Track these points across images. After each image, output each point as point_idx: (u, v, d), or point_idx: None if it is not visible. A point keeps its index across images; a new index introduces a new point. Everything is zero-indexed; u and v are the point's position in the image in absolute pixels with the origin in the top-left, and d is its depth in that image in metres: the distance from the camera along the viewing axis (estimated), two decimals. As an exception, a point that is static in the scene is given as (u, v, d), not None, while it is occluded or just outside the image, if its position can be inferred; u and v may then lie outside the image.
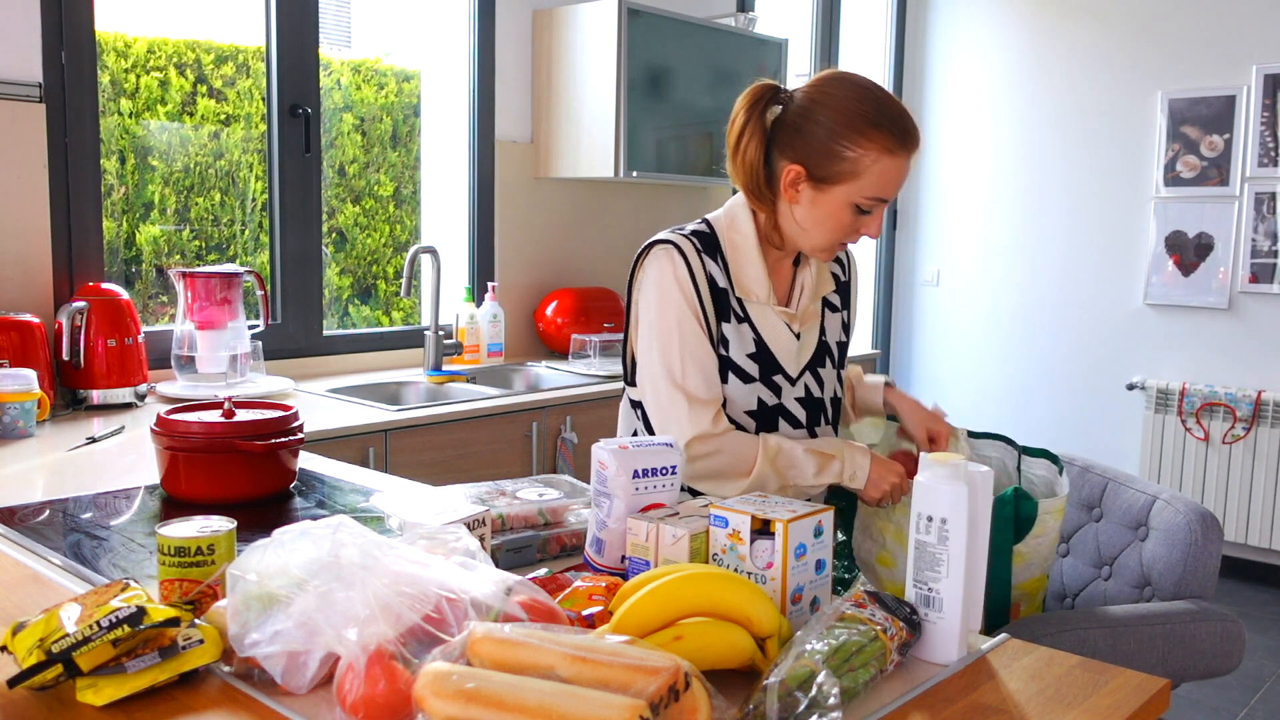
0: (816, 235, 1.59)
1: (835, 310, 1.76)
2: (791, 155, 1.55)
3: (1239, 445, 4.11)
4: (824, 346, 1.72)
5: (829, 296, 1.75)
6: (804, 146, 1.54)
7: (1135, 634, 1.66)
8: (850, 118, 1.51)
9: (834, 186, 1.53)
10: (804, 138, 1.54)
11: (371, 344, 3.26)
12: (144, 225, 3.01)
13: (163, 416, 1.67)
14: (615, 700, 0.79)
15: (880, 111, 1.51)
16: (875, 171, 1.52)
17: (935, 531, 1.09)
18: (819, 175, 1.54)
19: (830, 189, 1.54)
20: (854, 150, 1.51)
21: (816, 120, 1.52)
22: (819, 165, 1.53)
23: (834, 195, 1.54)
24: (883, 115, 1.51)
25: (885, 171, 1.52)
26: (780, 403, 1.66)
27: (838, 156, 1.51)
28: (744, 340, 1.63)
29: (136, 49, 2.97)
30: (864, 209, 1.55)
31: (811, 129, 1.53)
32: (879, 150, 1.51)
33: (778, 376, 1.65)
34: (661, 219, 4.12)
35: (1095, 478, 2.05)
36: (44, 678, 0.94)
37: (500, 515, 1.36)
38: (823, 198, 1.55)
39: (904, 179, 1.56)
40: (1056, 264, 4.60)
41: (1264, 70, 4.03)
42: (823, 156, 1.52)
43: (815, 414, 1.70)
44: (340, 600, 0.92)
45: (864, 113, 1.51)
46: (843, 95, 1.52)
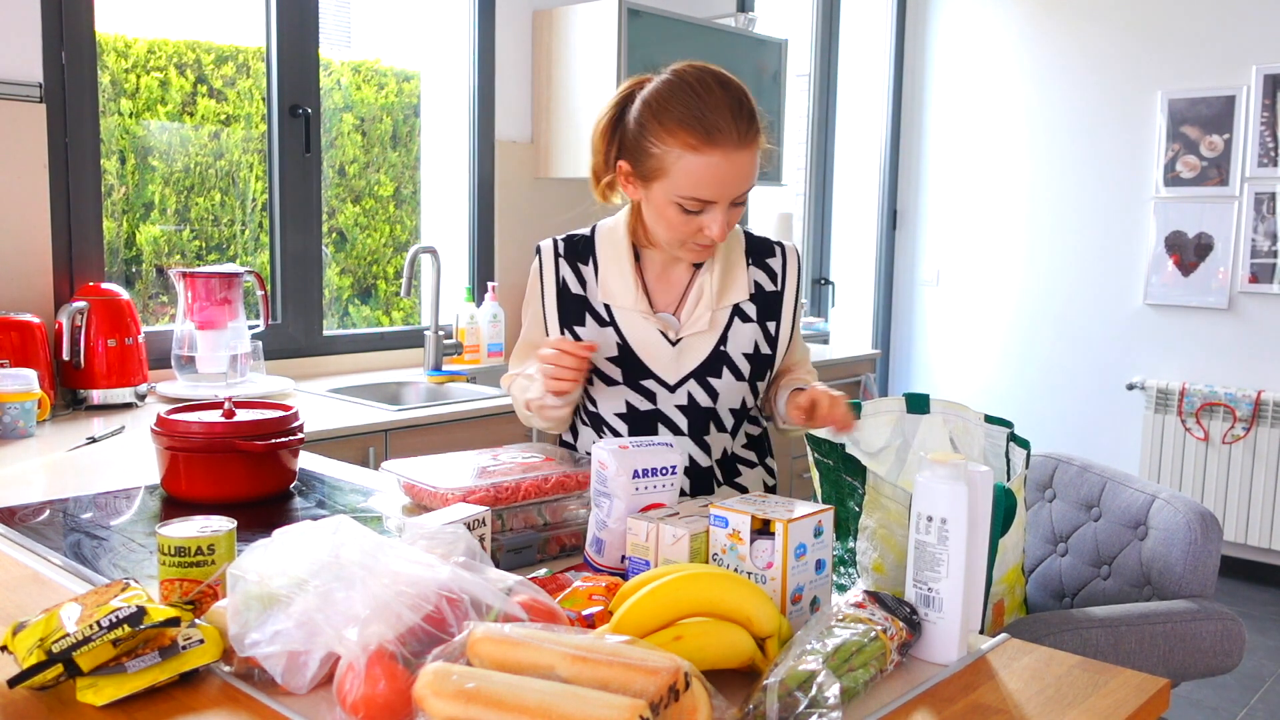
0: (659, 232, 1.55)
1: (748, 320, 1.65)
2: (624, 152, 1.53)
3: (1239, 445, 4.11)
4: (721, 356, 1.63)
5: (743, 306, 1.65)
6: (630, 144, 1.50)
7: (1136, 633, 1.66)
8: (659, 113, 1.45)
9: (652, 184, 1.49)
10: (629, 136, 1.50)
11: (371, 344, 3.26)
12: (144, 225, 3.01)
13: (163, 416, 1.67)
14: (615, 700, 0.79)
15: (690, 107, 1.43)
16: (682, 170, 1.44)
17: (935, 531, 1.09)
18: (639, 172, 1.50)
19: (650, 186, 1.50)
20: (659, 146, 1.45)
21: (639, 119, 1.48)
22: (637, 162, 1.50)
23: (655, 192, 1.50)
24: (690, 111, 1.43)
25: (693, 170, 1.44)
26: (656, 408, 1.63)
27: (647, 153, 1.47)
28: (606, 344, 1.62)
29: (136, 49, 2.97)
30: (688, 209, 1.48)
31: (635, 127, 1.49)
32: (682, 147, 1.43)
33: (649, 382, 1.62)
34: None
35: (1094, 477, 2.05)
36: (44, 678, 0.94)
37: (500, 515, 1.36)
38: (649, 194, 1.51)
39: (728, 180, 1.45)
40: (1056, 264, 4.60)
41: (1264, 70, 4.03)
42: (638, 152, 1.49)
43: (701, 423, 1.63)
44: (340, 600, 0.92)
45: (672, 109, 1.44)
46: (661, 90, 1.47)
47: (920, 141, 5.01)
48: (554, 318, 1.68)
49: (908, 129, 5.04)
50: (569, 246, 1.71)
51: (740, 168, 1.46)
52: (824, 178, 4.96)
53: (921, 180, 5.02)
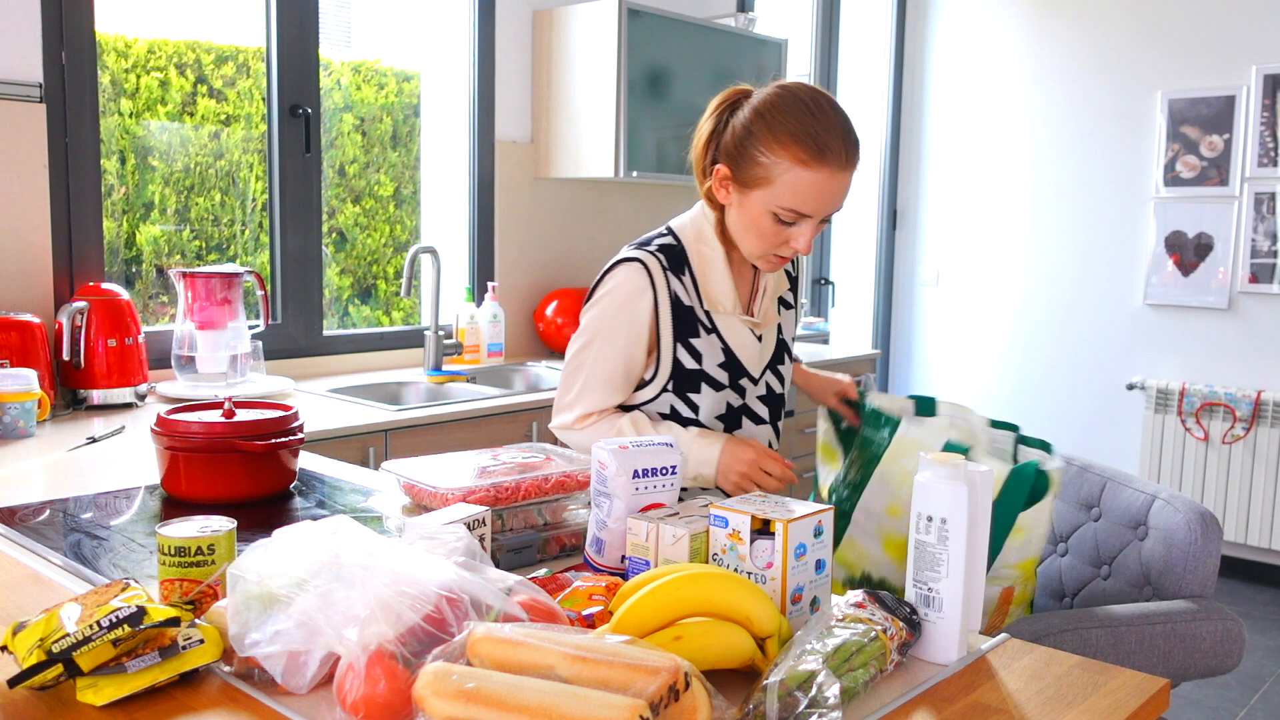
0: (746, 241, 1.61)
1: (789, 307, 1.82)
2: (723, 157, 1.59)
3: (1239, 445, 4.11)
4: (782, 344, 1.78)
5: (784, 295, 1.81)
6: (733, 149, 1.57)
7: (1136, 633, 1.66)
8: (772, 125, 1.52)
9: (752, 191, 1.55)
10: (734, 140, 1.56)
11: (371, 344, 3.26)
12: (144, 225, 3.01)
13: (163, 416, 1.67)
14: (615, 700, 0.79)
15: (803, 123, 1.50)
16: (787, 182, 1.51)
17: (935, 531, 1.09)
18: (740, 178, 1.56)
19: (749, 193, 1.56)
20: (767, 156, 1.52)
21: (748, 125, 1.55)
22: (739, 168, 1.56)
23: (752, 200, 1.56)
24: (805, 127, 1.50)
25: (798, 184, 1.50)
26: (745, 403, 1.72)
27: (753, 161, 1.53)
28: (714, 351, 1.67)
29: (136, 49, 2.97)
30: (783, 219, 1.54)
31: (742, 134, 1.55)
32: (792, 160, 1.50)
33: (744, 380, 1.71)
34: (661, 219, 4.12)
35: (1094, 477, 2.05)
36: (44, 678, 0.94)
37: (500, 515, 1.36)
38: (745, 202, 1.57)
39: (827, 197, 1.52)
40: (1056, 264, 4.60)
41: (1264, 70, 4.03)
42: (743, 159, 1.55)
43: (776, 409, 1.78)
44: (340, 600, 0.92)
45: (785, 122, 1.51)
46: (774, 102, 1.54)
47: (920, 141, 5.01)
48: (669, 334, 1.64)
49: (908, 129, 5.04)
50: (669, 257, 1.65)
51: (841, 187, 1.53)
52: (824, 178, 4.95)
53: (921, 180, 5.02)
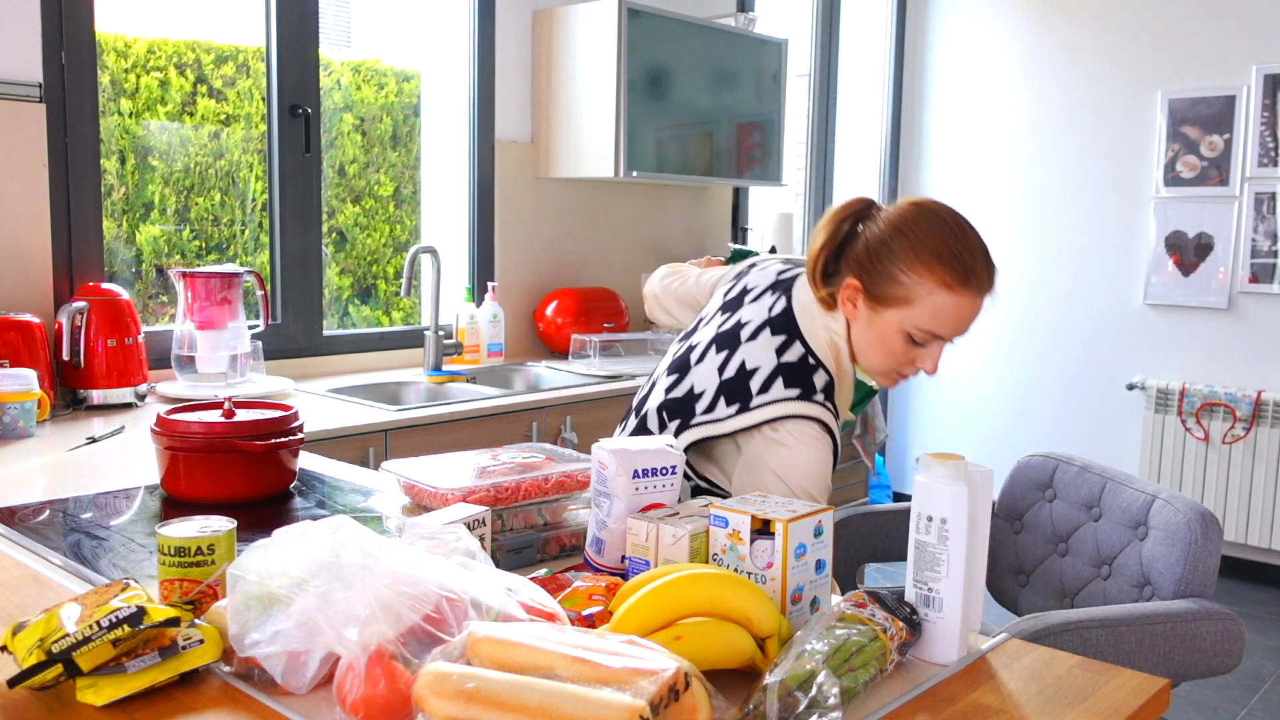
0: (872, 357, 1.55)
1: None
2: (854, 269, 1.51)
3: (1239, 445, 4.11)
4: None
5: None
6: (867, 262, 1.49)
7: (1136, 633, 1.66)
8: (915, 244, 1.46)
9: (887, 309, 1.48)
10: (870, 254, 1.49)
11: (371, 344, 3.26)
12: (144, 225, 3.01)
13: (163, 416, 1.67)
14: (615, 700, 0.79)
15: (948, 245, 1.45)
16: (929, 304, 1.45)
17: (935, 531, 1.09)
18: (874, 294, 1.49)
19: (883, 311, 1.49)
20: (910, 276, 1.45)
21: (885, 240, 1.48)
22: (875, 284, 1.48)
23: (887, 319, 1.49)
24: (949, 249, 1.45)
25: (940, 306, 1.45)
26: None
27: (894, 279, 1.46)
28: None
29: (136, 49, 2.97)
30: (917, 341, 1.49)
31: (878, 247, 1.48)
32: (935, 282, 1.45)
33: None
34: (661, 219, 4.12)
35: (1094, 477, 2.05)
36: (44, 678, 0.94)
37: (500, 515, 1.37)
38: (877, 319, 1.50)
39: (965, 321, 1.49)
40: (1056, 264, 4.60)
41: (1264, 70, 4.03)
42: (881, 276, 1.48)
43: None
44: (340, 600, 0.92)
45: (930, 242, 1.45)
46: (917, 220, 1.48)
47: (920, 141, 5.01)
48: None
49: (908, 129, 5.04)
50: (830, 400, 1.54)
51: (977, 311, 1.49)
52: (824, 178, 4.96)
53: (921, 180, 5.01)
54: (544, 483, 1.40)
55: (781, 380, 1.52)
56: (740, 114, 3.88)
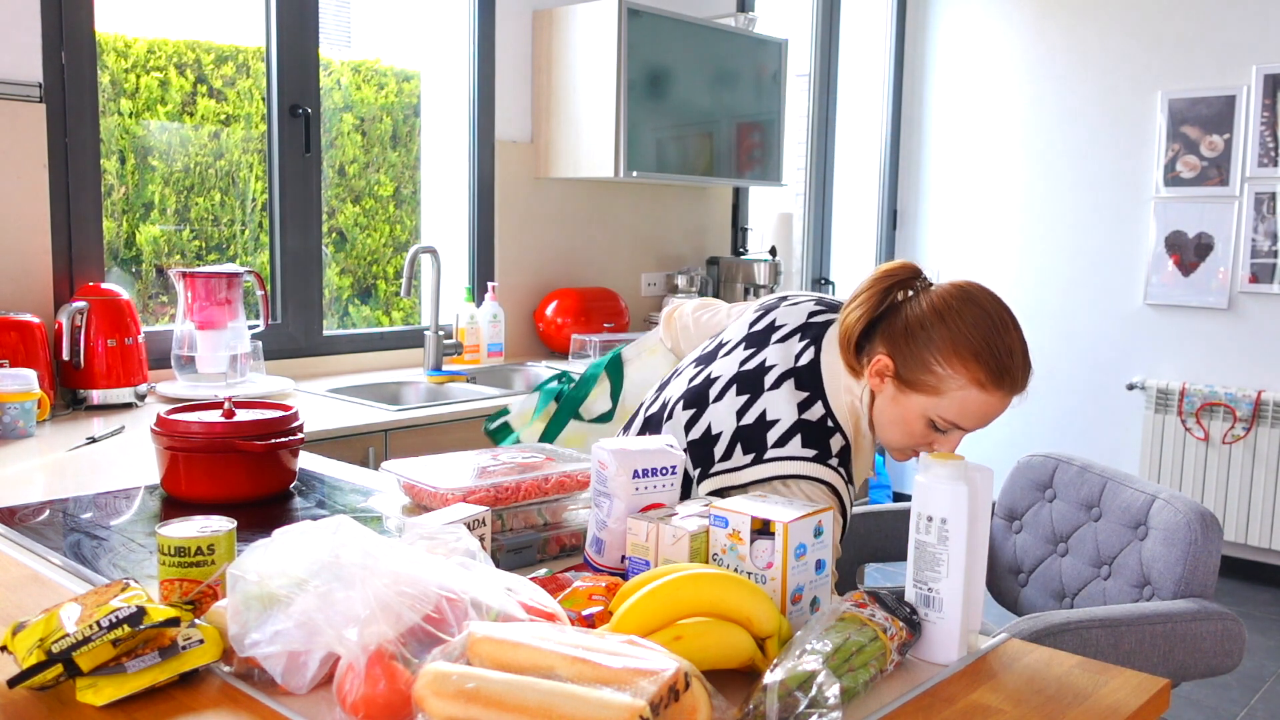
0: (891, 433, 1.52)
1: None
2: (888, 346, 1.48)
3: (1239, 445, 4.11)
4: None
5: None
6: (902, 343, 1.47)
7: (1136, 633, 1.66)
8: (955, 335, 1.43)
9: (914, 394, 1.46)
10: (907, 336, 1.47)
11: (371, 344, 3.26)
12: (144, 225, 3.01)
13: (163, 416, 1.67)
14: (615, 700, 0.79)
15: (988, 344, 1.43)
16: (958, 398, 1.44)
17: (935, 531, 1.09)
18: (904, 376, 1.47)
19: (910, 394, 1.47)
20: (943, 369, 1.43)
21: (925, 324, 1.45)
22: (907, 366, 1.46)
23: (912, 402, 1.47)
24: (988, 348, 1.43)
25: (969, 402, 1.44)
26: None
27: (926, 367, 1.44)
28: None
29: (136, 49, 2.97)
30: (939, 428, 1.48)
31: (917, 330, 1.46)
32: (968, 379, 1.43)
33: None
34: (661, 219, 4.12)
35: (1094, 477, 2.05)
36: (44, 678, 0.94)
37: (500, 515, 1.37)
38: (902, 399, 1.48)
39: (991, 417, 1.48)
40: (1056, 264, 4.60)
41: (1264, 70, 4.03)
42: (914, 361, 1.45)
43: None
44: (340, 600, 0.92)
45: (970, 338, 1.43)
46: (961, 311, 1.45)
47: (920, 141, 5.01)
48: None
49: (908, 129, 5.04)
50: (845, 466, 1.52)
51: (1004, 408, 1.48)
52: (824, 178, 4.96)
53: (921, 180, 5.02)
54: (544, 483, 1.40)
55: (800, 438, 1.49)
56: (740, 114, 3.88)
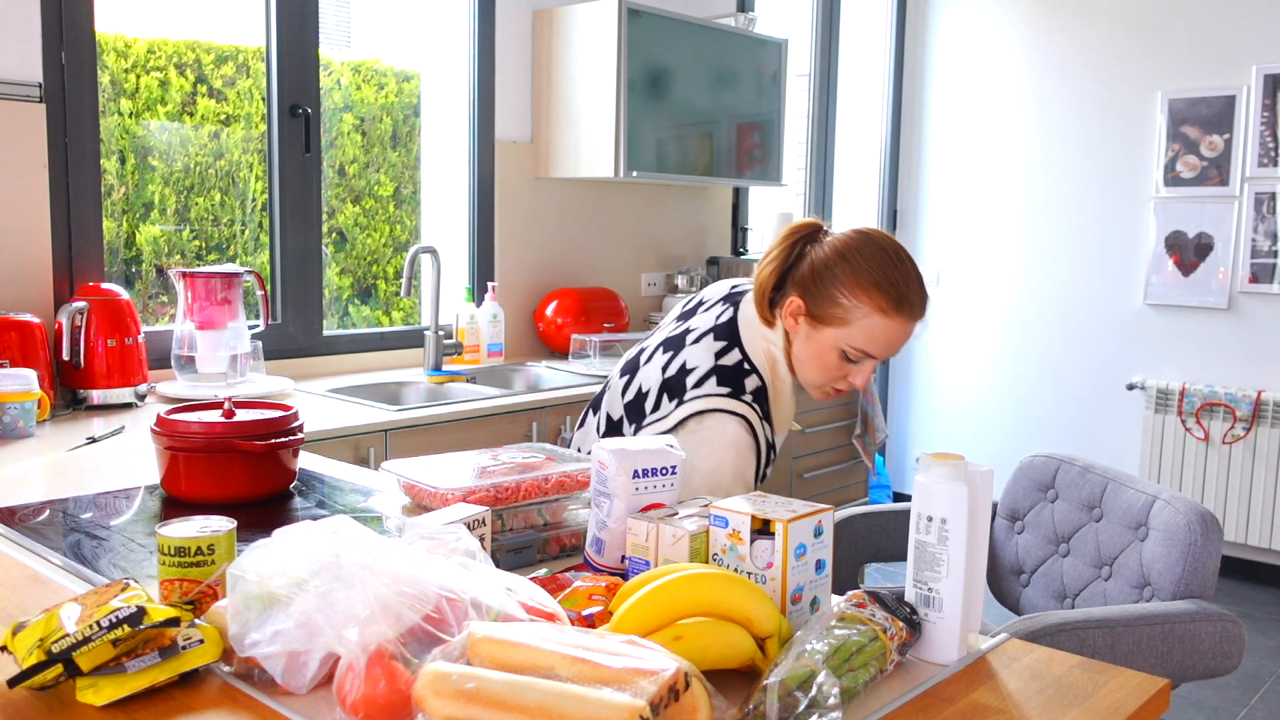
0: (808, 370, 1.65)
1: None
2: (799, 289, 1.62)
3: (1239, 445, 4.11)
4: None
5: None
6: (810, 284, 1.61)
7: (1134, 634, 1.66)
8: (856, 270, 1.57)
9: (825, 328, 1.60)
10: (813, 276, 1.61)
11: (371, 344, 3.26)
12: (144, 225, 3.01)
13: (163, 416, 1.67)
14: (615, 700, 0.79)
15: (886, 273, 1.57)
16: (865, 326, 1.57)
17: (935, 531, 1.09)
18: (815, 313, 1.60)
19: (821, 329, 1.60)
20: (849, 301, 1.57)
21: (830, 264, 1.59)
22: (816, 304, 1.60)
23: (823, 336, 1.61)
24: (886, 277, 1.57)
25: (875, 329, 1.58)
26: None
27: (833, 301, 1.58)
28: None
29: (136, 49, 2.97)
30: (851, 358, 1.61)
31: (822, 271, 1.60)
32: (872, 307, 1.56)
33: None
34: (661, 219, 4.12)
35: (1095, 478, 2.05)
36: (44, 678, 0.94)
37: (500, 515, 1.37)
38: (815, 335, 1.62)
39: (896, 343, 1.61)
40: (1056, 264, 4.60)
41: (1264, 70, 4.03)
42: (821, 297, 1.59)
43: None
44: (340, 600, 0.92)
45: (870, 269, 1.57)
46: (859, 247, 1.59)
47: (920, 141, 5.01)
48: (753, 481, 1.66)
49: (908, 129, 5.04)
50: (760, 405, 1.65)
51: (908, 335, 1.62)
52: (824, 178, 4.96)
53: (921, 180, 5.02)
54: (544, 483, 1.40)
55: (715, 379, 1.64)
56: (740, 114, 3.88)
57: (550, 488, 1.40)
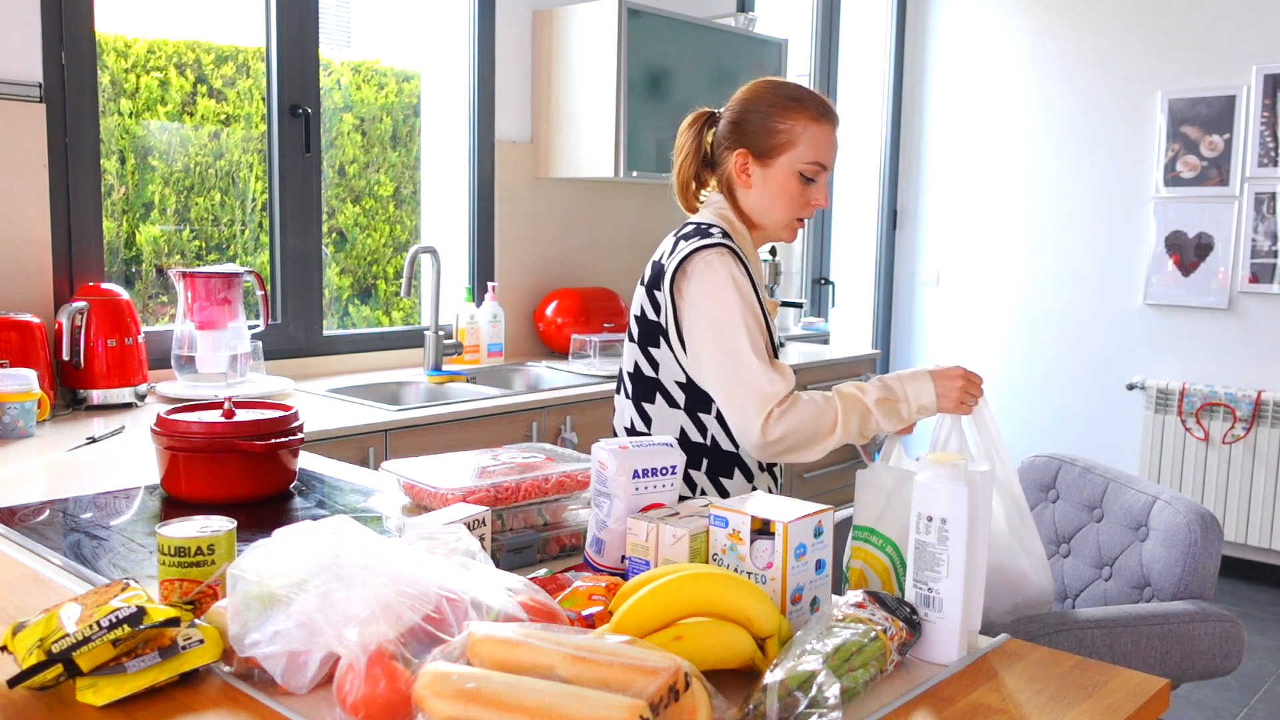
0: (775, 210, 1.76)
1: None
2: (734, 144, 1.76)
3: (1239, 445, 4.11)
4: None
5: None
6: (743, 134, 1.75)
7: (1133, 634, 1.66)
8: (776, 99, 1.74)
9: (776, 159, 1.73)
10: (741, 127, 1.75)
11: (371, 344, 3.26)
12: (144, 225, 3.01)
13: (163, 416, 1.67)
14: (615, 700, 0.79)
15: (798, 92, 1.74)
16: (808, 138, 1.72)
17: (935, 531, 1.09)
18: (761, 151, 1.73)
19: (774, 161, 1.73)
20: (785, 123, 1.72)
21: (748, 110, 1.75)
22: (759, 142, 1.73)
23: (779, 167, 1.73)
24: (801, 94, 1.74)
25: (816, 138, 1.73)
26: None
27: (773, 131, 1.72)
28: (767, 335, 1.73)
29: (136, 49, 2.96)
30: (808, 175, 1.74)
31: (747, 117, 1.75)
32: (807, 119, 1.72)
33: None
34: (661, 219, 4.12)
35: (1096, 478, 2.05)
36: (44, 678, 0.94)
37: (500, 515, 1.37)
38: (770, 172, 1.74)
39: (835, 148, 1.76)
40: (1056, 264, 4.60)
41: (1264, 70, 4.03)
42: (761, 135, 1.73)
43: None
44: (340, 600, 0.92)
45: (785, 93, 1.74)
46: (765, 85, 1.77)
47: (920, 141, 5.01)
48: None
49: (908, 129, 5.04)
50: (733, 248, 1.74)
51: (838, 140, 1.78)
52: (824, 178, 4.95)
53: (921, 180, 5.02)
54: (544, 483, 1.40)
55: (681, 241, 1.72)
56: (740, 114, 3.88)
57: (550, 488, 1.41)
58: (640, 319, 1.76)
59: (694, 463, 1.74)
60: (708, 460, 1.74)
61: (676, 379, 1.72)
